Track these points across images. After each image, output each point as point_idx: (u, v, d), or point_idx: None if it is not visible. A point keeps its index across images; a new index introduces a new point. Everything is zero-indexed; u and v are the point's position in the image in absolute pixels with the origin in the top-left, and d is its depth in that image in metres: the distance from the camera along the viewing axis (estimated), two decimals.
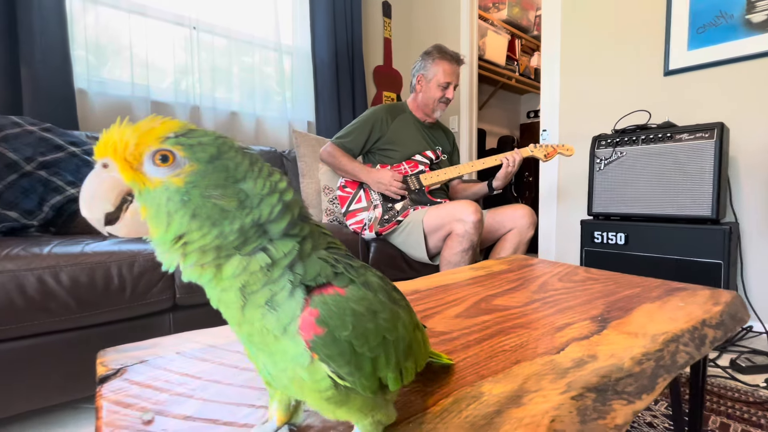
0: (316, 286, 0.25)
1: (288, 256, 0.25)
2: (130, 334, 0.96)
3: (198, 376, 0.40)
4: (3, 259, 0.81)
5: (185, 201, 0.23)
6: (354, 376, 0.25)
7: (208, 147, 0.24)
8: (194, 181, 0.23)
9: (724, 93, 1.56)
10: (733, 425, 0.92)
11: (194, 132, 0.24)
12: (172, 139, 0.23)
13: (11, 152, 1.20)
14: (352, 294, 0.26)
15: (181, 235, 0.23)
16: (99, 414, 0.34)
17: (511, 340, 0.50)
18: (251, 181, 0.25)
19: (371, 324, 0.26)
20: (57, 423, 0.95)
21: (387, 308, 0.27)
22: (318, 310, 0.24)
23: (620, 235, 1.54)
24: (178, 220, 0.23)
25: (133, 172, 0.23)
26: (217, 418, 0.33)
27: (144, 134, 0.23)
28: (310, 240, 0.27)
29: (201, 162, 0.24)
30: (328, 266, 0.26)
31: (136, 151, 0.23)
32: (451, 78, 1.56)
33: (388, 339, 0.27)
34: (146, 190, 0.23)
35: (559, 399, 0.36)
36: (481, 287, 0.75)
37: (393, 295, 0.30)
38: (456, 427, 0.31)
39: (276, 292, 0.25)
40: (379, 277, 0.29)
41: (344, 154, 1.52)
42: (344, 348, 0.25)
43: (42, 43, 1.49)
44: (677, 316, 0.58)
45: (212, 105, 1.97)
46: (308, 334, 0.24)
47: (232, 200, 0.24)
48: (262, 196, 0.25)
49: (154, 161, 0.23)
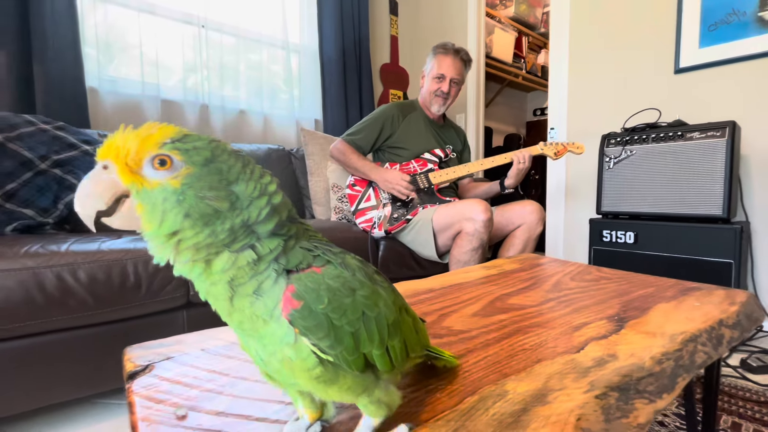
0: (296, 270, 0.27)
1: (273, 252, 0.27)
2: (144, 331, 0.98)
3: (225, 373, 0.41)
4: (22, 256, 0.83)
5: (180, 201, 0.25)
6: (335, 349, 0.27)
7: (203, 151, 0.26)
8: (190, 182, 0.25)
9: (735, 91, 1.55)
10: (745, 425, 0.92)
11: (189, 137, 0.26)
12: (170, 144, 0.25)
13: (26, 150, 1.22)
14: (327, 272, 0.28)
15: (174, 231, 0.25)
16: (133, 409, 0.35)
17: (530, 339, 0.50)
18: (243, 184, 0.27)
19: (348, 299, 0.27)
20: (73, 418, 0.97)
21: (365, 286, 0.29)
22: (294, 286, 0.27)
23: (629, 234, 1.53)
24: (172, 218, 0.25)
25: (132, 175, 0.25)
26: (249, 414, 0.34)
27: (144, 140, 0.25)
28: (295, 238, 0.29)
29: (196, 165, 0.25)
30: (309, 254, 0.28)
31: (136, 156, 0.25)
32: (445, 70, 1.55)
33: (368, 315, 0.28)
34: (144, 190, 0.25)
35: (583, 398, 0.36)
36: (495, 286, 0.75)
37: (374, 277, 0.31)
38: (484, 425, 0.32)
39: (262, 281, 0.26)
40: (359, 261, 0.31)
41: (354, 151, 1.53)
42: (321, 320, 0.26)
43: (54, 43, 1.51)
44: (694, 316, 0.58)
45: (221, 104, 1.98)
46: (287, 309, 0.26)
47: (224, 201, 0.26)
48: (252, 199, 0.27)
49: (153, 165, 0.25)
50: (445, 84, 1.55)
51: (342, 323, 0.27)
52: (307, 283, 0.27)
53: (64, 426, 0.93)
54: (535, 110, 3.91)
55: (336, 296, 0.27)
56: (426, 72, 1.61)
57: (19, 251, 0.84)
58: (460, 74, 1.57)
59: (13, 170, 1.17)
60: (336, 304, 0.27)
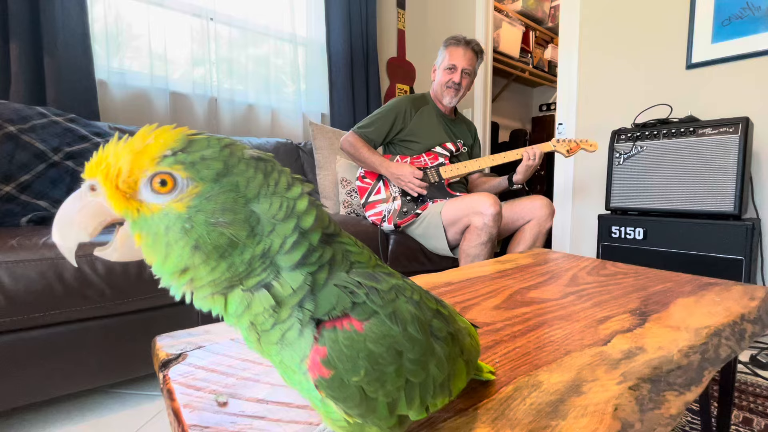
0: (329, 318, 0.22)
1: (297, 293, 0.22)
2: (158, 323, 0.99)
3: (259, 362, 0.42)
4: (42, 247, 0.83)
5: (187, 229, 0.20)
6: (365, 418, 0.23)
7: (213, 162, 0.20)
8: (198, 205, 0.20)
9: (748, 87, 1.54)
10: (756, 420, 0.92)
11: (196, 144, 0.21)
12: (170, 157, 0.20)
13: (39, 142, 1.22)
14: (371, 331, 0.22)
15: (183, 268, 0.20)
16: (173, 396, 0.35)
17: (555, 331, 0.50)
18: (266, 201, 0.21)
19: (391, 367, 0.22)
20: (89, 408, 0.98)
21: (417, 345, 0.23)
22: (326, 350, 0.21)
23: (639, 230, 1.53)
24: (178, 251, 0.20)
25: (125, 201, 0.20)
26: (290, 401, 0.35)
27: (138, 155, 0.20)
28: (327, 268, 0.23)
29: (206, 180, 0.20)
30: (347, 295, 0.22)
31: (130, 178, 0.20)
32: (456, 60, 1.54)
33: (412, 382, 0.23)
34: (142, 218, 0.20)
35: (617, 389, 0.36)
36: (513, 280, 0.75)
37: (433, 324, 0.25)
38: (523, 414, 0.32)
39: (285, 331, 0.22)
40: (414, 303, 0.24)
41: (365, 144, 1.52)
42: (353, 392, 0.22)
43: (63, 35, 1.51)
44: (716, 310, 0.58)
45: (230, 97, 1.98)
46: (314, 374, 0.22)
47: (242, 227, 0.20)
48: (276, 222, 0.21)
49: (152, 187, 0.20)
50: (457, 74, 1.54)
51: (377, 395, 0.22)
52: (343, 348, 0.21)
53: (79, 415, 0.94)
54: (541, 106, 3.89)
55: (377, 366, 0.22)
56: (437, 65, 1.60)
57: (38, 242, 0.84)
58: (471, 65, 1.56)
59: (27, 162, 1.18)
60: (375, 376, 0.22)
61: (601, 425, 0.31)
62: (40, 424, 0.90)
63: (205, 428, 0.31)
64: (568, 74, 2.09)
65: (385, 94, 2.70)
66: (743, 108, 1.53)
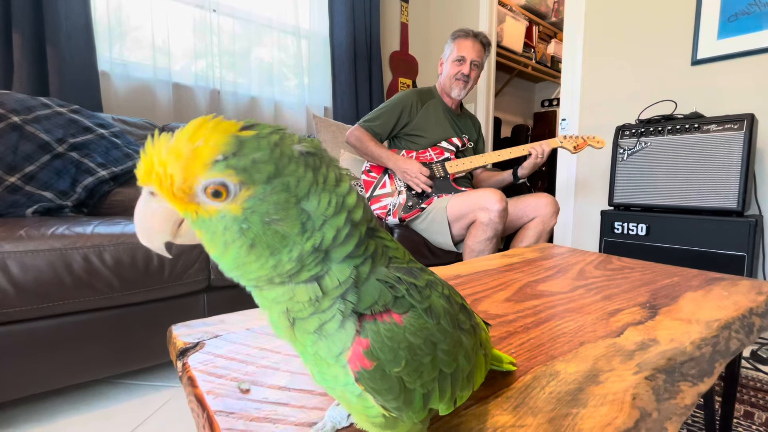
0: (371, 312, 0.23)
1: (342, 286, 0.22)
2: (166, 314, 0.99)
3: (277, 351, 0.42)
4: (50, 237, 0.83)
5: (244, 230, 0.20)
6: (401, 410, 0.23)
7: (264, 166, 0.20)
8: (252, 206, 0.20)
9: (753, 84, 1.54)
10: (758, 413, 0.94)
11: (246, 146, 0.20)
12: (221, 162, 0.20)
13: (43, 133, 1.21)
14: (410, 323, 0.23)
15: (237, 266, 0.21)
16: (194, 383, 0.36)
17: (567, 323, 0.51)
18: (315, 198, 0.21)
19: (428, 358, 0.23)
20: (96, 398, 0.98)
21: (449, 337, 0.24)
22: (369, 341, 0.22)
23: (641, 226, 1.54)
24: (236, 250, 0.21)
25: (184, 203, 0.21)
26: (312, 389, 0.35)
27: (188, 162, 0.20)
28: (370, 261, 0.24)
29: (258, 183, 0.20)
30: (388, 290, 0.23)
31: (184, 184, 0.20)
32: (465, 52, 1.53)
33: (445, 373, 0.24)
34: (200, 219, 0.21)
35: (634, 379, 0.37)
36: (521, 273, 0.76)
37: (459, 318, 0.26)
38: (544, 402, 0.33)
39: (325, 321, 0.22)
40: (445, 297, 0.26)
41: (372, 138, 1.52)
42: (393, 384, 0.22)
43: (66, 25, 1.49)
44: (724, 304, 0.59)
45: (233, 89, 1.97)
46: (355, 366, 0.22)
47: (294, 224, 0.21)
48: (327, 218, 0.22)
49: (205, 194, 0.20)
50: (466, 66, 1.53)
51: (416, 386, 0.23)
52: (385, 339, 0.22)
53: (86, 405, 0.95)
54: (543, 101, 3.88)
55: (416, 356, 0.23)
56: (445, 57, 1.59)
57: (46, 233, 0.84)
58: (480, 57, 1.56)
59: (32, 153, 1.17)
60: (414, 366, 0.23)
61: (621, 413, 0.31)
62: (47, 414, 0.91)
63: (230, 414, 0.31)
64: (572, 69, 2.08)
65: (387, 88, 2.69)
66: (748, 105, 1.53)
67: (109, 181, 1.30)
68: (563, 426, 0.30)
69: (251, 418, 0.31)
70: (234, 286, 1.09)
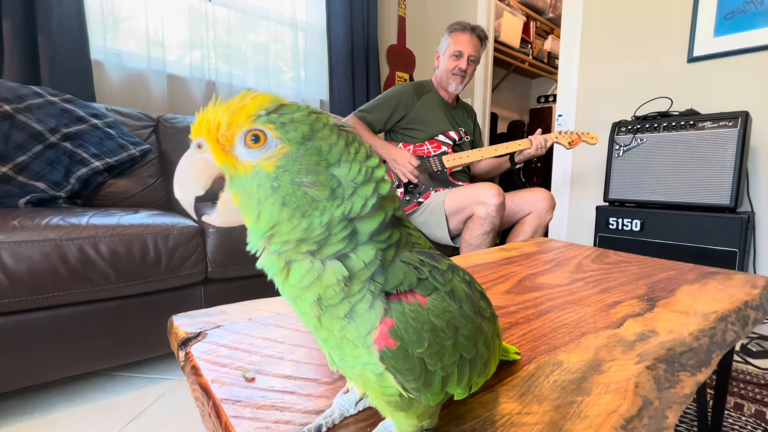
0: (396, 292, 0.23)
1: (369, 267, 0.23)
2: (163, 306, 0.98)
3: (280, 341, 0.42)
4: (44, 228, 0.82)
5: (275, 188, 0.22)
6: (420, 392, 0.24)
7: (301, 125, 0.22)
8: (285, 165, 0.22)
9: (748, 82, 1.55)
10: (747, 405, 0.96)
11: (286, 107, 0.23)
12: (264, 117, 0.22)
13: (36, 123, 1.19)
14: (434, 305, 0.23)
15: (272, 225, 0.22)
16: (199, 372, 0.35)
17: (568, 315, 0.51)
18: (346, 166, 0.22)
19: (450, 341, 0.23)
20: (92, 390, 0.98)
21: (470, 322, 0.24)
22: (394, 321, 0.22)
23: (636, 222, 1.55)
24: (269, 208, 0.22)
25: (225, 154, 0.22)
26: (318, 377, 0.35)
27: (236, 113, 0.22)
28: (395, 248, 0.24)
29: (293, 142, 0.22)
30: (412, 271, 0.24)
31: (228, 131, 0.22)
32: (462, 47, 1.52)
33: (465, 358, 0.24)
34: (237, 176, 0.22)
35: (635, 368, 0.37)
36: (520, 266, 0.76)
37: (480, 305, 0.26)
38: (549, 390, 0.33)
39: (355, 304, 0.23)
40: (466, 283, 0.26)
41: (365, 127, 1.52)
42: (415, 364, 0.23)
43: (58, 13, 1.46)
44: (720, 297, 0.60)
45: (228, 81, 1.95)
46: (379, 344, 0.23)
47: (324, 188, 0.22)
48: (356, 185, 0.22)
49: (246, 142, 0.22)
50: (463, 61, 1.53)
51: (436, 368, 0.23)
52: (410, 320, 0.22)
53: (82, 398, 0.94)
54: (539, 97, 3.89)
55: (438, 339, 0.23)
56: (441, 51, 1.58)
57: (40, 223, 0.83)
58: (477, 51, 1.55)
59: (24, 142, 1.15)
60: (436, 348, 0.23)
61: (624, 401, 0.32)
62: (42, 406, 0.90)
63: (237, 402, 0.31)
64: (569, 65, 2.09)
65: (384, 81, 2.67)
66: (743, 102, 1.54)
67: (103, 172, 1.28)
68: (569, 413, 0.30)
69: (258, 405, 0.31)
70: (232, 278, 1.09)
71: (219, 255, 1.03)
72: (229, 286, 1.09)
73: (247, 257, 0.60)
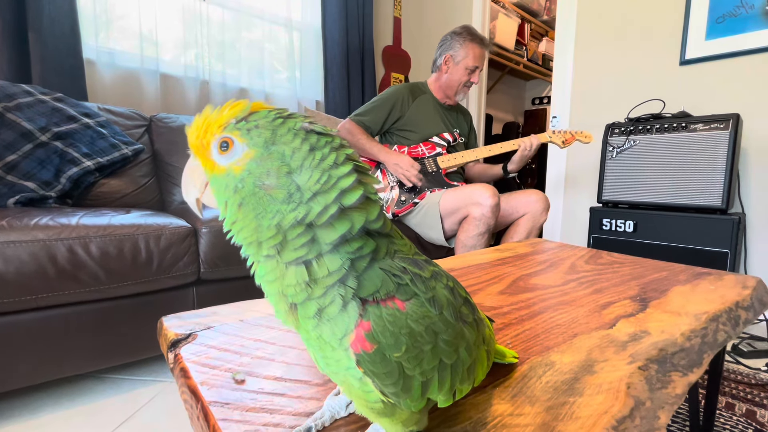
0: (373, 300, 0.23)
1: (333, 275, 0.22)
2: (154, 308, 0.97)
3: (271, 342, 0.41)
4: (33, 228, 0.81)
5: (238, 189, 0.23)
6: (399, 396, 0.23)
7: (264, 131, 0.23)
8: (250, 168, 0.22)
9: (739, 84, 1.57)
10: (738, 405, 0.96)
11: (256, 114, 0.23)
12: (232, 125, 0.23)
13: (25, 121, 1.17)
14: (413, 310, 0.23)
15: (231, 223, 0.24)
16: (187, 374, 0.35)
17: (561, 316, 0.51)
18: (307, 172, 0.22)
19: (428, 346, 0.23)
20: (82, 393, 0.96)
21: (451, 328, 0.24)
22: (371, 324, 0.22)
23: (629, 223, 1.56)
24: (229, 207, 0.23)
25: (205, 159, 0.24)
26: (308, 379, 0.34)
27: (211, 122, 0.24)
28: (368, 259, 0.24)
29: (257, 147, 0.22)
30: (391, 278, 0.23)
31: (204, 140, 0.24)
32: (479, 62, 1.55)
33: (445, 363, 0.24)
34: (214, 176, 0.24)
35: (627, 369, 0.37)
36: (513, 267, 0.76)
37: (462, 311, 0.26)
38: (541, 391, 0.33)
39: (324, 306, 0.23)
40: (449, 289, 0.26)
41: (363, 132, 1.51)
42: (393, 368, 0.22)
43: (49, 10, 1.44)
44: (711, 297, 0.60)
45: (222, 80, 1.93)
46: (356, 348, 0.22)
47: (280, 191, 0.22)
48: (315, 192, 0.22)
49: (218, 149, 0.23)
50: (476, 75, 1.57)
51: (415, 373, 0.23)
52: (387, 323, 0.22)
53: (70, 401, 0.93)
54: (534, 99, 3.91)
55: (416, 343, 0.23)
56: (455, 59, 1.55)
57: (29, 223, 0.82)
58: (484, 63, 1.61)
59: (13, 141, 1.14)
60: (414, 353, 0.23)
61: (617, 402, 0.32)
62: (30, 410, 0.89)
63: (226, 404, 0.31)
64: (563, 67, 2.10)
65: (380, 82, 2.67)
66: (734, 105, 1.56)
67: (94, 172, 1.26)
68: (561, 414, 0.30)
69: (247, 408, 0.30)
70: (225, 279, 1.08)
71: (212, 255, 1.02)
72: (222, 287, 1.08)
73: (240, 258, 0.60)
